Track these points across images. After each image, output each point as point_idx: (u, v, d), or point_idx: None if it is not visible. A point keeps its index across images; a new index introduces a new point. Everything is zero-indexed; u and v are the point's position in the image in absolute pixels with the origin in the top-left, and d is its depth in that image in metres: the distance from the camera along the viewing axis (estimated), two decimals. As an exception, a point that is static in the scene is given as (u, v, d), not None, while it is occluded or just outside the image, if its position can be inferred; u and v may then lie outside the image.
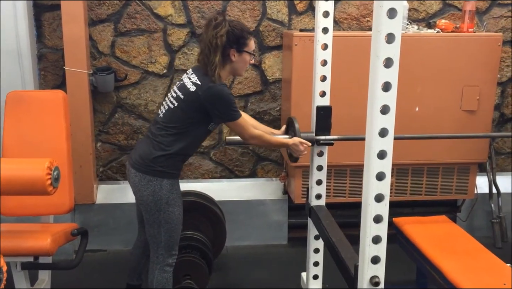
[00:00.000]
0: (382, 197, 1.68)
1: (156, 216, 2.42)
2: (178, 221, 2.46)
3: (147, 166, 2.39)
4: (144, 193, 2.41)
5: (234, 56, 2.38)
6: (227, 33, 2.33)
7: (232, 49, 2.36)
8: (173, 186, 2.43)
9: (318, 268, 2.90)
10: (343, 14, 3.62)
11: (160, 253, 2.48)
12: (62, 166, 2.46)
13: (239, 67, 2.45)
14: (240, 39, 2.37)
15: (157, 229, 2.45)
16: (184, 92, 2.38)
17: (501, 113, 3.91)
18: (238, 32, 2.36)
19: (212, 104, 2.33)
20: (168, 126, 2.39)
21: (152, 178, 2.39)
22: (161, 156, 2.38)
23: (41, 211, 2.79)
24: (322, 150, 2.72)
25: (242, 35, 2.38)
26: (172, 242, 2.48)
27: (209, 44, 2.33)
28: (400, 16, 1.55)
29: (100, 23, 3.50)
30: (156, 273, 2.50)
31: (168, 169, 2.40)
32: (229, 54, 2.36)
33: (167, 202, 2.40)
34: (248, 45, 2.41)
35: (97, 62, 3.53)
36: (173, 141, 2.38)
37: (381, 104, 1.60)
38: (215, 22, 2.34)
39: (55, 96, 2.87)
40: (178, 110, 2.38)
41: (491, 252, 2.54)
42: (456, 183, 3.57)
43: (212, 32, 2.33)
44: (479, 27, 3.65)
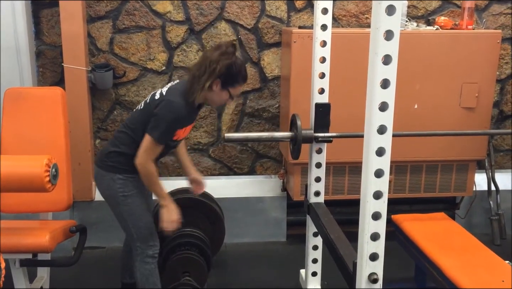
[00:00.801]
0: (380, 194, 1.68)
1: (118, 210, 2.48)
2: (141, 211, 2.49)
3: (102, 160, 2.48)
4: (100, 188, 2.50)
5: (216, 87, 2.36)
6: (227, 66, 2.33)
7: (218, 79, 2.35)
8: (127, 180, 2.45)
9: (316, 265, 2.90)
10: (342, 11, 3.62)
11: (137, 246, 2.52)
12: (60, 163, 2.46)
13: (214, 100, 2.43)
14: (232, 77, 2.36)
15: (124, 222, 2.51)
16: (151, 98, 2.45)
17: (500, 111, 3.91)
18: (235, 71, 2.36)
19: (157, 113, 2.33)
20: (127, 126, 2.47)
21: (105, 172, 2.46)
22: (113, 151, 2.45)
23: (39, 208, 2.79)
24: (320, 147, 2.72)
25: (236, 77, 2.37)
26: (143, 233, 2.50)
27: (207, 65, 2.33)
28: (399, 13, 1.54)
29: (99, 20, 3.49)
30: (138, 265, 2.53)
31: (120, 165, 2.44)
32: (212, 82, 2.35)
33: (123, 195, 2.45)
34: (234, 87, 2.40)
35: (95, 59, 3.52)
36: (126, 140, 2.44)
37: (380, 101, 1.60)
38: (225, 49, 2.35)
39: (54, 93, 2.87)
40: (139, 114, 2.45)
41: (490, 249, 2.54)
42: (455, 180, 3.57)
43: (217, 57, 2.33)
44: (478, 24, 3.65)
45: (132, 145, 2.42)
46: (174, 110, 2.33)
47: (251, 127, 3.74)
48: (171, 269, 2.83)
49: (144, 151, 2.36)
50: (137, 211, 2.48)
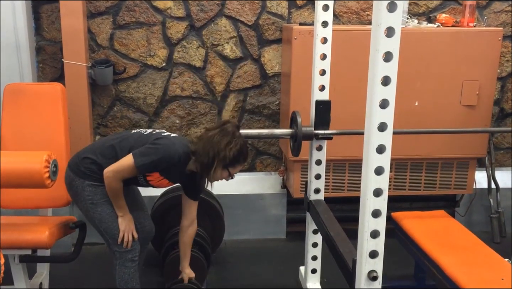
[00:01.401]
0: (380, 191, 1.68)
1: (90, 217, 2.43)
2: (112, 219, 2.42)
3: (75, 164, 2.42)
4: (69, 192, 2.44)
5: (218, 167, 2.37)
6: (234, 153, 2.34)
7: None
8: (97, 188, 2.38)
9: (316, 262, 2.90)
10: (343, 8, 3.61)
11: (115, 250, 2.46)
12: (60, 159, 2.45)
13: (213, 176, 2.41)
14: (233, 160, 2.36)
15: (97, 228, 2.45)
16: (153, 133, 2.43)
17: (500, 108, 3.90)
18: (236, 152, 2.35)
19: (156, 142, 2.34)
20: (118, 144, 2.39)
21: (75, 177, 2.39)
22: (90, 158, 2.38)
23: (39, 204, 2.79)
24: (321, 144, 2.72)
25: (238, 159, 2.38)
26: (118, 238, 2.43)
27: (216, 153, 2.32)
28: (400, 10, 1.54)
29: (99, 16, 3.48)
30: (117, 270, 2.48)
31: (91, 173, 2.38)
32: None
33: (92, 203, 2.39)
34: (235, 168, 2.41)
35: (95, 55, 3.52)
36: (109, 154, 2.38)
37: (380, 99, 1.60)
38: (231, 136, 2.34)
39: (54, 89, 2.86)
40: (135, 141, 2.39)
41: (490, 247, 2.54)
42: (455, 177, 3.57)
43: (225, 146, 2.32)
44: (480, 22, 3.64)
45: (112, 161, 2.36)
46: (171, 152, 2.33)
47: (251, 124, 3.73)
48: (170, 265, 2.82)
49: (118, 168, 2.32)
50: (108, 218, 2.41)
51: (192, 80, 3.63)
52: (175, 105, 3.65)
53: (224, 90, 3.67)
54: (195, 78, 3.63)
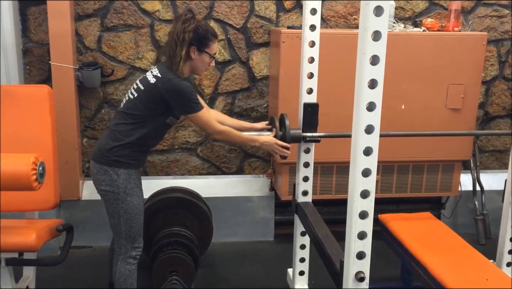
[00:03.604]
0: (367, 193, 1.70)
1: (115, 206, 2.44)
2: (137, 211, 2.47)
3: (103, 156, 2.42)
4: (102, 184, 2.45)
5: (194, 54, 2.42)
6: (193, 30, 2.38)
7: (193, 46, 2.41)
8: (131, 176, 2.43)
9: (304, 264, 2.91)
10: (330, 12, 3.64)
11: (123, 244, 2.50)
12: (47, 162, 2.44)
13: (197, 66, 2.48)
14: (203, 38, 2.42)
15: (117, 219, 2.47)
16: (145, 83, 2.43)
17: (485, 112, 3.96)
18: (202, 31, 2.41)
19: (171, 96, 2.37)
20: (127, 116, 2.42)
21: (109, 168, 2.41)
22: (117, 146, 2.40)
23: (26, 206, 2.76)
24: (308, 147, 2.73)
25: (206, 36, 2.43)
26: (133, 233, 2.49)
27: (176, 38, 2.39)
28: (386, 14, 1.56)
29: (87, 18, 3.47)
30: (119, 264, 2.51)
31: (125, 159, 2.41)
32: (189, 51, 2.41)
33: (125, 192, 2.42)
34: (209, 46, 2.45)
35: (83, 57, 3.50)
36: (130, 130, 2.41)
37: (367, 101, 1.62)
38: (185, 17, 2.41)
39: (41, 91, 2.84)
40: (137, 101, 2.42)
41: (475, 248, 2.57)
42: (441, 180, 3.61)
43: (181, 26, 2.39)
44: (465, 26, 3.69)
45: (134, 132, 2.40)
46: (180, 83, 2.38)
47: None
48: (159, 268, 2.82)
49: (205, 124, 2.47)
50: (134, 209, 2.45)
51: (180, 83, 3.62)
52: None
53: (213, 93, 3.68)
54: (183, 81, 3.63)
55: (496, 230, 2.96)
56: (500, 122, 3.99)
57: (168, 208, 3.14)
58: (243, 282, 3.21)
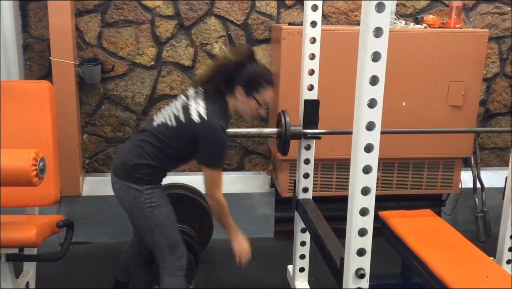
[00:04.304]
0: (368, 190, 1.70)
1: (144, 222, 2.37)
2: (168, 221, 2.39)
3: (126, 172, 2.34)
4: (125, 200, 2.37)
5: (240, 95, 2.31)
6: (237, 64, 2.28)
7: (239, 86, 2.29)
8: (154, 190, 2.35)
9: (304, 261, 2.91)
10: (331, 8, 3.63)
11: (166, 258, 2.42)
12: (47, 157, 2.43)
13: (242, 109, 2.36)
14: (253, 82, 2.29)
15: (150, 235, 2.40)
16: (187, 118, 2.29)
17: (486, 109, 3.96)
18: (253, 73, 2.28)
19: (204, 142, 2.27)
20: (156, 139, 2.33)
21: (131, 184, 2.32)
22: (140, 164, 2.32)
23: (26, 202, 2.76)
24: (309, 144, 2.73)
25: (257, 79, 2.29)
26: (172, 243, 2.41)
27: (223, 71, 2.30)
28: (388, 10, 1.55)
29: (87, 14, 3.46)
30: (166, 279, 2.44)
31: (147, 176, 2.34)
32: (235, 90, 2.31)
33: (150, 206, 2.33)
34: (259, 92, 2.30)
35: (83, 53, 3.50)
36: (155, 153, 2.33)
37: (369, 98, 1.61)
38: (240, 51, 2.31)
39: (41, 86, 2.83)
40: (173, 132, 2.31)
41: (475, 245, 2.57)
42: (441, 177, 3.61)
43: (232, 61, 2.30)
44: (466, 23, 3.68)
45: (163, 159, 2.34)
46: (221, 136, 2.26)
47: (239, 123, 3.74)
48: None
49: (211, 184, 2.31)
50: (164, 221, 2.37)
51: (181, 79, 3.62)
52: (164, 104, 3.64)
53: (213, 90, 3.67)
54: (184, 77, 3.63)
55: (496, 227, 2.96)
56: (501, 119, 3.99)
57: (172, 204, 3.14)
58: (243, 279, 3.21)
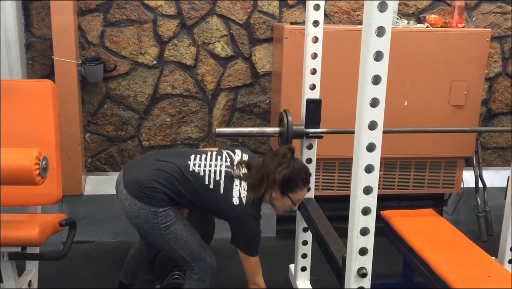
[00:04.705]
0: (370, 189, 1.70)
1: (161, 240, 2.35)
2: (187, 233, 2.37)
3: (142, 192, 2.28)
4: (136, 220, 2.33)
5: (276, 194, 2.36)
6: (282, 170, 2.30)
7: (277, 187, 2.34)
8: (168, 210, 2.31)
9: (306, 260, 2.91)
10: (333, 7, 3.63)
11: (194, 265, 2.42)
12: (50, 156, 2.43)
13: (276, 205, 2.43)
14: (290, 184, 2.34)
15: (172, 250, 2.38)
16: (226, 193, 2.32)
17: (488, 109, 3.95)
18: (291, 175, 2.32)
19: (239, 228, 2.33)
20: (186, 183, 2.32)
21: (144, 205, 2.28)
22: (161, 190, 2.28)
23: (28, 201, 2.76)
24: (311, 143, 2.73)
25: (294, 181, 2.34)
26: (197, 252, 2.40)
27: (266, 176, 2.33)
28: (390, 10, 1.55)
29: (89, 13, 3.47)
30: (194, 284, 2.44)
31: (163, 201, 2.30)
32: (272, 190, 2.35)
33: (166, 226, 2.31)
34: (295, 192, 2.37)
35: (86, 52, 3.50)
36: (178, 192, 2.32)
37: (371, 97, 1.61)
38: (282, 159, 2.33)
39: (43, 86, 2.84)
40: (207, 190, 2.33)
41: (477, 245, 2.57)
42: (443, 177, 3.61)
43: (275, 168, 2.32)
44: (468, 23, 3.68)
45: (182, 199, 2.35)
46: (255, 226, 2.34)
47: (241, 122, 3.74)
48: (161, 263, 2.82)
49: (253, 271, 2.40)
50: (182, 235, 2.35)
51: (183, 78, 3.63)
52: (166, 103, 3.65)
53: (215, 89, 3.67)
54: (186, 77, 3.63)
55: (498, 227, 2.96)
56: (503, 119, 3.99)
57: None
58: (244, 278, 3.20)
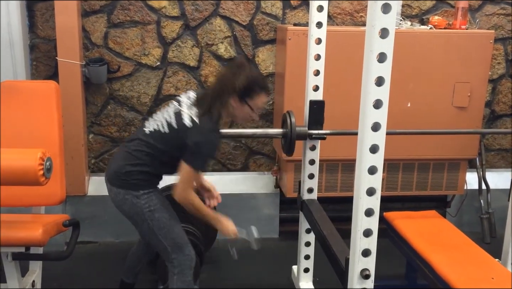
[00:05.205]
0: (374, 190, 1.70)
1: (146, 227, 2.39)
2: (171, 222, 2.41)
3: (120, 179, 2.36)
4: (123, 208, 2.39)
5: (234, 102, 2.34)
6: (238, 77, 2.30)
7: (234, 94, 2.32)
8: (151, 194, 2.37)
9: (309, 262, 2.91)
10: (336, 9, 3.63)
11: (174, 258, 2.44)
12: (54, 157, 2.44)
13: (236, 115, 2.41)
14: (247, 89, 2.32)
15: (155, 238, 2.41)
16: (179, 124, 2.32)
17: (491, 110, 3.95)
18: (247, 81, 2.31)
19: (193, 142, 2.28)
20: (149, 146, 2.35)
21: (127, 191, 2.35)
22: (134, 170, 2.34)
23: (32, 201, 2.77)
24: (314, 144, 2.73)
25: (250, 86, 2.32)
26: (178, 243, 2.42)
27: (223, 83, 2.33)
28: (394, 11, 1.55)
29: (93, 14, 3.48)
30: (175, 280, 2.45)
31: (143, 182, 2.36)
32: (229, 97, 2.33)
33: (150, 210, 2.35)
34: (253, 99, 2.34)
35: (89, 53, 3.51)
36: (148, 160, 2.35)
37: (374, 99, 1.61)
38: (238, 63, 2.35)
39: (47, 86, 2.85)
40: (166, 138, 2.34)
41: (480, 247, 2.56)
42: (446, 178, 3.60)
43: (230, 73, 2.33)
44: (472, 24, 3.68)
45: (157, 166, 2.37)
46: (211, 139, 2.30)
47: (244, 123, 3.73)
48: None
49: (184, 182, 2.32)
50: (166, 223, 2.38)
51: (186, 79, 3.64)
52: (169, 104, 3.65)
53: (218, 90, 3.67)
54: (189, 78, 3.64)
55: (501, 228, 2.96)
56: (507, 121, 3.98)
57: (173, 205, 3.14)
58: (247, 278, 3.21)
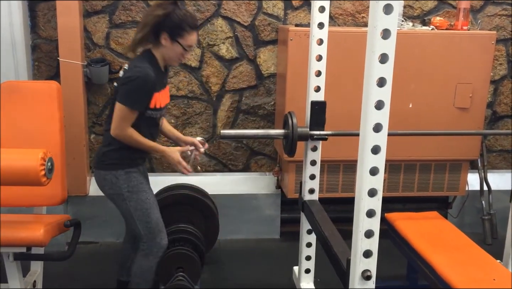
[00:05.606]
0: (375, 191, 1.70)
1: (125, 207, 2.44)
2: (148, 206, 2.45)
3: (100, 162, 2.44)
4: (105, 189, 2.46)
5: (165, 41, 2.33)
6: (164, 15, 2.29)
7: (164, 32, 2.31)
8: (130, 174, 2.42)
9: (310, 262, 2.91)
10: (338, 10, 3.63)
11: (144, 242, 2.49)
12: (55, 157, 2.45)
13: (169, 56, 2.39)
14: (176, 28, 2.31)
15: (131, 220, 2.47)
16: (118, 81, 2.40)
17: (493, 111, 3.94)
18: (176, 19, 2.30)
19: (124, 81, 2.30)
20: (110, 120, 2.38)
21: (106, 172, 2.41)
22: (108, 150, 2.41)
23: (34, 201, 2.78)
24: (316, 145, 2.73)
25: (180, 25, 2.30)
26: (151, 228, 2.46)
27: (144, 19, 2.37)
28: (396, 12, 1.55)
29: (95, 15, 3.48)
30: (139, 259, 2.51)
31: (119, 160, 2.41)
32: (159, 36, 2.33)
33: (129, 190, 2.41)
34: (183, 37, 2.33)
35: (91, 53, 3.52)
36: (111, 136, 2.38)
37: (376, 100, 1.61)
38: (160, 2, 2.35)
39: (49, 87, 2.86)
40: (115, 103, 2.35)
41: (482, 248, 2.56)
42: (448, 179, 3.60)
43: (152, 9, 2.36)
44: (473, 25, 3.67)
45: None
46: (140, 72, 2.27)
47: (246, 124, 3.74)
48: (165, 264, 2.83)
49: (118, 121, 2.30)
50: (144, 205, 2.43)
51: (187, 80, 3.64)
52: (171, 104, 3.65)
53: (220, 90, 3.68)
54: (191, 78, 3.64)
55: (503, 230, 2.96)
56: (508, 122, 3.97)
57: (174, 205, 3.15)
58: (248, 279, 3.21)
